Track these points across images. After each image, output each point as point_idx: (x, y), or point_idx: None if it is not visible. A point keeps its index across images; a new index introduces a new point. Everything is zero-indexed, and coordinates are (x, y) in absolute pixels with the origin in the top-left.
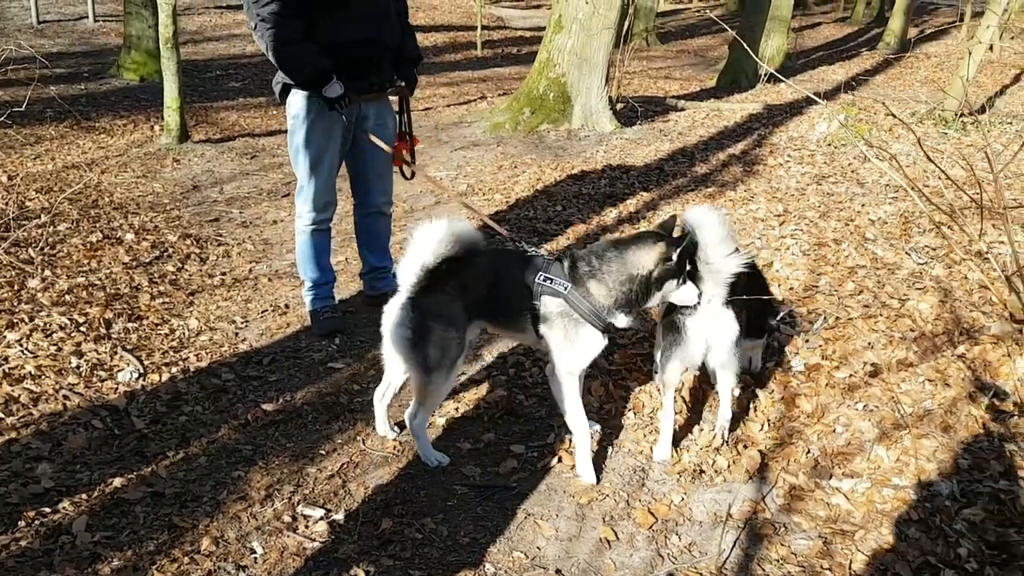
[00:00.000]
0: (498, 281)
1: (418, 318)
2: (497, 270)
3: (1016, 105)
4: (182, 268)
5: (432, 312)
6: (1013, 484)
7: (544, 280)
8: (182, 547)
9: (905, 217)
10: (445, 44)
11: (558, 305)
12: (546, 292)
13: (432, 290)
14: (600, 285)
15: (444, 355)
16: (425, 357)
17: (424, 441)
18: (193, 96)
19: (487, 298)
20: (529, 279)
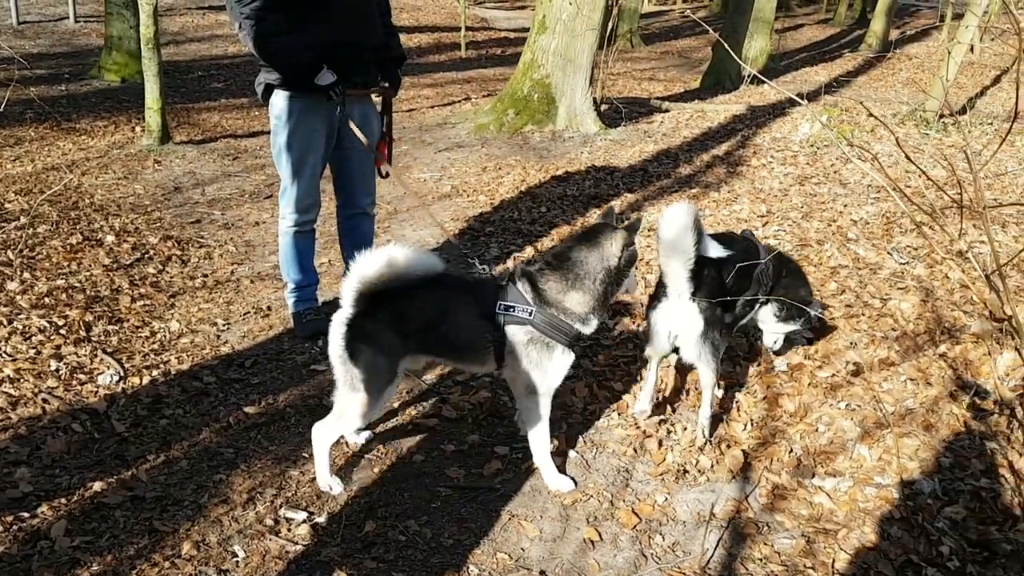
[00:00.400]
0: (446, 316)
1: (351, 338)
2: (444, 305)
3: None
4: (163, 270)
5: (363, 336)
6: (994, 482)
7: (505, 309)
8: (163, 551)
9: (887, 217)
10: (429, 45)
11: (525, 333)
12: (510, 322)
13: (366, 315)
14: (579, 293)
15: (371, 381)
16: (352, 377)
17: (323, 457)
18: (175, 97)
19: (430, 333)
20: (486, 310)
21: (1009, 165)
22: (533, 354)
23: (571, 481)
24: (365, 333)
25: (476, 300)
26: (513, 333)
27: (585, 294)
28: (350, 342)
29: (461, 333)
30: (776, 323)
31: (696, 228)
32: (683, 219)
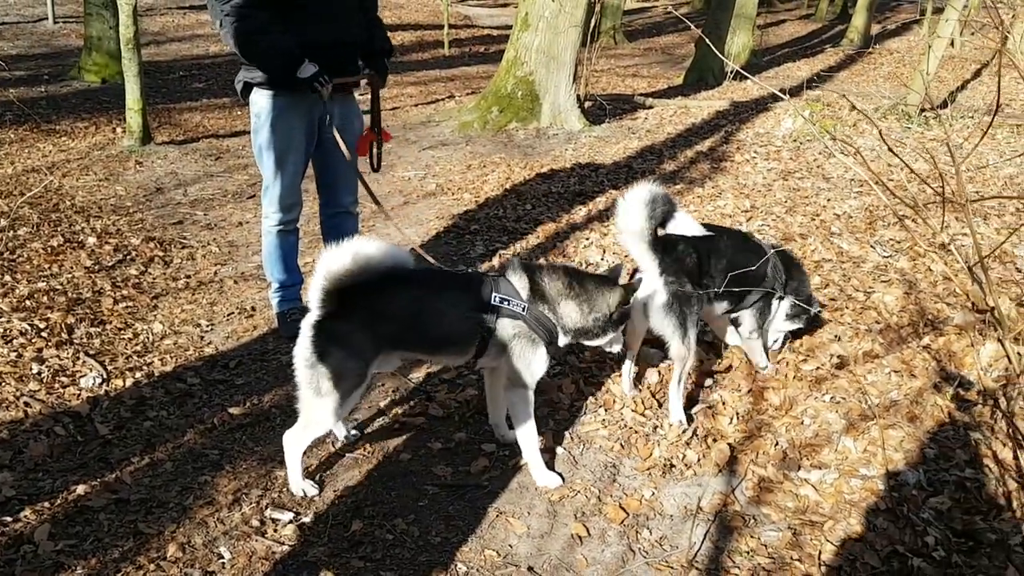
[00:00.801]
0: (429, 309)
1: (320, 341)
2: (426, 297)
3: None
4: (145, 271)
5: (333, 338)
6: (979, 472)
7: (501, 301)
8: (148, 554)
9: (870, 211)
10: (412, 43)
11: (515, 327)
12: (504, 314)
13: (337, 316)
14: (574, 307)
15: (338, 384)
16: (318, 381)
17: (294, 464)
18: (156, 97)
19: (410, 327)
20: (477, 302)
21: (990, 158)
22: (519, 347)
23: (559, 477)
24: (334, 336)
25: (467, 292)
26: (503, 326)
27: (579, 311)
28: (319, 345)
29: (448, 326)
30: (784, 321)
31: (655, 209)
32: (636, 202)
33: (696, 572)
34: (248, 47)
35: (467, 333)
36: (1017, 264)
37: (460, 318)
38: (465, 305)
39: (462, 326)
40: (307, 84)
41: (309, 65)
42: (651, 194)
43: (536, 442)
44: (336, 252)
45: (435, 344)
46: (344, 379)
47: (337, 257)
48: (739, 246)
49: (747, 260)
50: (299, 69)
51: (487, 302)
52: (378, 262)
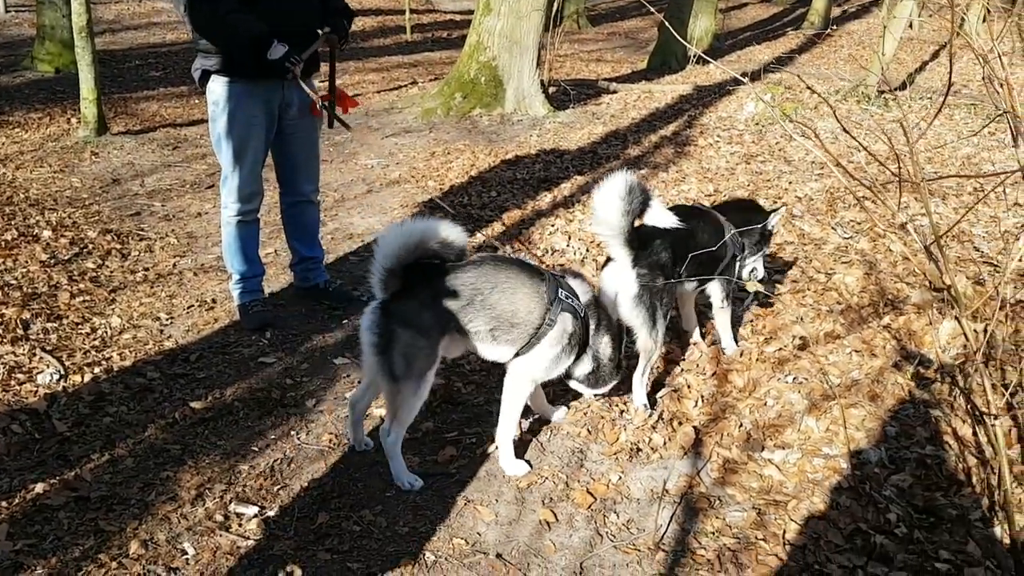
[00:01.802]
0: (500, 288)
1: (386, 324)
2: (497, 276)
3: (935, 80)
4: (103, 265)
5: (400, 319)
6: (939, 449)
7: (566, 297)
8: (109, 552)
9: (831, 193)
10: (373, 29)
11: (573, 324)
12: (566, 309)
13: (403, 296)
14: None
15: (411, 364)
16: (391, 365)
17: (398, 462)
18: (112, 87)
19: (478, 308)
20: (548, 292)
21: (948, 137)
22: (565, 343)
23: (526, 465)
24: (401, 316)
25: (540, 280)
26: (564, 320)
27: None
28: (386, 329)
29: (520, 307)
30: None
31: (631, 202)
32: (612, 195)
33: (663, 554)
34: (214, 30)
35: (533, 317)
36: (975, 243)
37: (532, 300)
38: (538, 290)
39: (531, 307)
40: (278, 65)
41: (279, 46)
42: (627, 185)
43: (514, 430)
44: (393, 230)
45: (499, 323)
46: (416, 359)
47: (405, 233)
48: (712, 229)
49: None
50: (268, 50)
51: (555, 293)
52: (446, 242)
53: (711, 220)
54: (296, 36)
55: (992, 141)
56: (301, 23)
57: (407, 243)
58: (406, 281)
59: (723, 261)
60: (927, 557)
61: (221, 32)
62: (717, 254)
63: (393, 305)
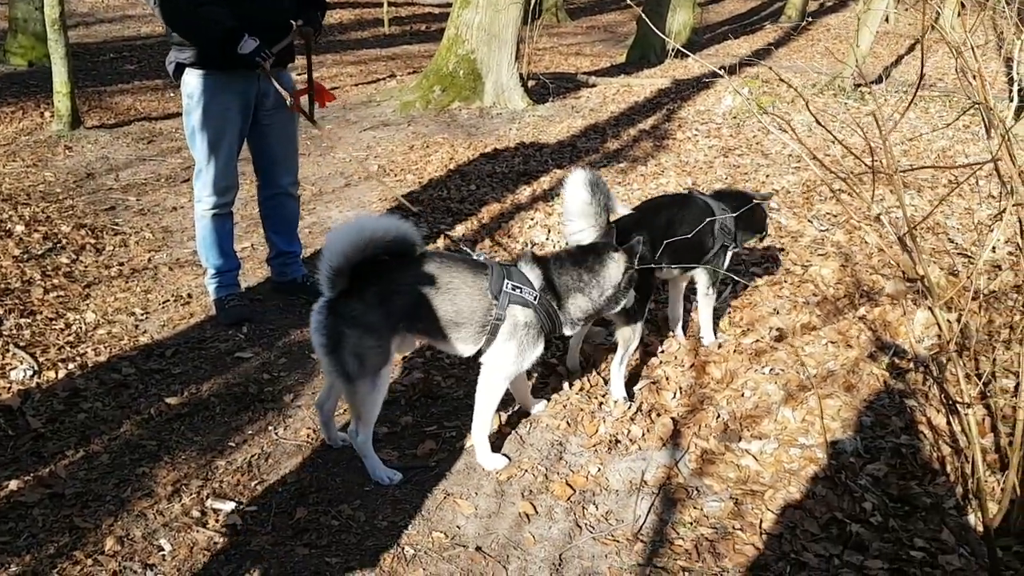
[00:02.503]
0: (443, 290)
1: (334, 324)
2: (440, 278)
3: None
4: (77, 260)
5: (348, 318)
6: (913, 438)
7: (513, 288)
8: (85, 548)
9: (807, 186)
10: (351, 21)
11: (524, 315)
12: (515, 301)
13: (349, 295)
14: (584, 298)
15: (363, 363)
16: (343, 365)
17: (372, 460)
18: (85, 80)
19: (423, 308)
20: (491, 287)
21: (924, 130)
22: (523, 335)
23: (504, 459)
24: (347, 316)
25: (484, 276)
26: (514, 313)
27: (589, 300)
28: (333, 330)
29: (463, 307)
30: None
31: (595, 196)
32: (580, 190)
33: (641, 545)
34: (184, 23)
35: (477, 315)
36: (950, 235)
37: (474, 299)
38: (480, 287)
39: (478, 311)
40: (248, 60)
41: (249, 40)
42: (589, 179)
43: (489, 426)
44: (349, 227)
45: (449, 328)
46: (367, 358)
47: (350, 232)
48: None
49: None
50: (239, 45)
51: (500, 287)
52: (390, 239)
53: (697, 207)
54: (269, 28)
55: (967, 134)
56: (274, 15)
57: (357, 241)
58: (353, 279)
59: (709, 250)
60: (902, 545)
61: (191, 26)
62: (701, 242)
63: (340, 304)
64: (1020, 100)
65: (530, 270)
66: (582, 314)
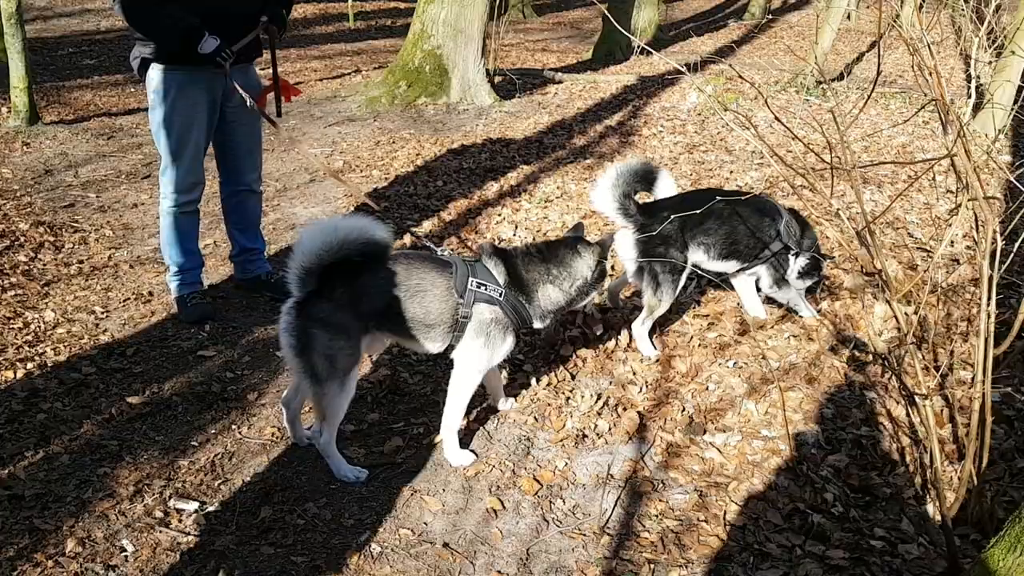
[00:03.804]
0: (410, 291)
1: (303, 325)
2: (407, 280)
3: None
4: (35, 258)
5: (318, 319)
6: (874, 430)
7: (478, 286)
8: (45, 550)
9: (769, 182)
10: (315, 16)
11: (491, 312)
12: (480, 299)
13: (318, 296)
14: (554, 290)
15: (332, 365)
16: (312, 366)
17: (336, 460)
18: (44, 75)
19: (392, 309)
20: (456, 286)
21: (883, 126)
22: (491, 332)
23: (471, 455)
24: (317, 317)
25: (449, 275)
26: (480, 311)
27: (558, 293)
28: (302, 331)
29: (429, 310)
30: (796, 279)
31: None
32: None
33: (608, 538)
34: (144, 21)
35: (448, 317)
36: (909, 230)
37: (441, 299)
38: (447, 287)
39: (444, 309)
40: (210, 60)
41: (210, 39)
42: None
43: (459, 422)
44: (320, 227)
45: (417, 328)
46: (337, 360)
47: (322, 233)
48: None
49: (743, 223)
50: (200, 44)
51: (464, 285)
52: (363, 240)
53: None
54: (234, 24)
55: (926, 130)
56: (239, 10)
57: (330, 242)
58: (323, 279)
59: (768, 246)
60: (862, 534)
61: (152, 24)
62: (761, 238)
63: (310, 305)
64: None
65: (494, 266)
66: (553, 307)
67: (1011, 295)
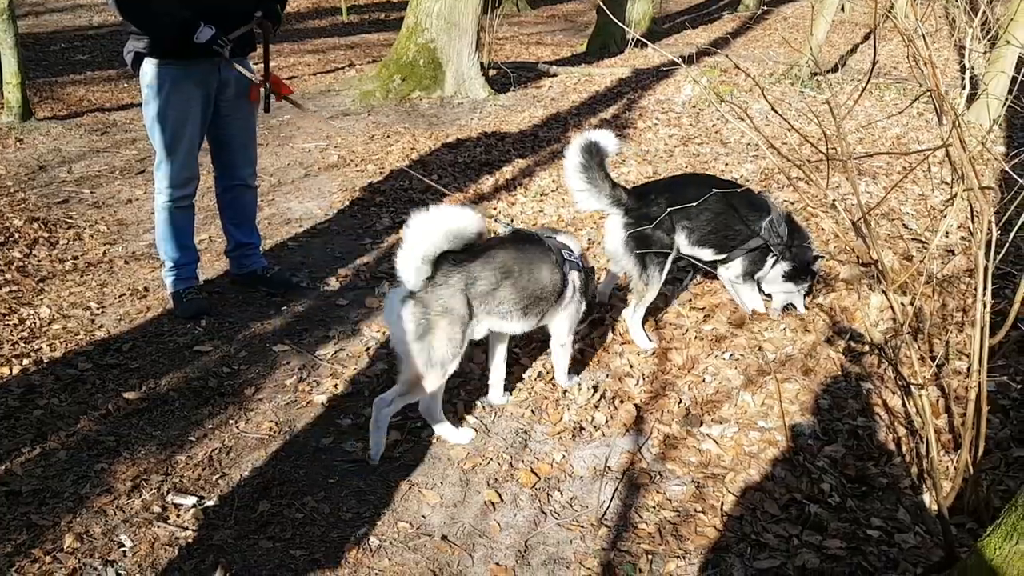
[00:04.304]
0: (523, 267)
1: (423, 312)
2: (518, 258)
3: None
4: (30, 254)
5: (437, 306)
6: (870, 420)
7: (568, 255)
8: (43, 546)
9: (765, 174)
10: (309, 10)
11: (579, 277)
12: (572, 267)
13: (435, 283)
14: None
15: (445, 351)
16: (429, 352)
17: (381, 434)
18: (36, 71)
19: (505, 289)
20: (555, 260)
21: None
22: (578, 296)
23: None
24: (435, 305)
25: (546, 248)
26: (573, 277)
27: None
28: (421, 318)
29: (544, 280)
30: (783, 282)
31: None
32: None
33: (605, 529)
34: (139, 14)
35: (555, 285)
36: (905, 221)
37: (551, 272)
38: (550, 259)
39: (552, 278)
40: (205, 49)
41: (206, 28)
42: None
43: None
44: (435, 217)
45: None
46: (451, 347)
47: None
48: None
49: (734, 215)
50: (195, 34)
51: (561, 256)
52: (469, 231)
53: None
54: (230, 19)
55: (921, 121)
56: (235, 7)
57: (448, 231)
58: (436, 268)
59: (747, 239)
60: (859, 524)
61: (146, 17)
62: (741, 231)
63: (426, 293)
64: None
65: (566, 238)
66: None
67: (1006, 285)
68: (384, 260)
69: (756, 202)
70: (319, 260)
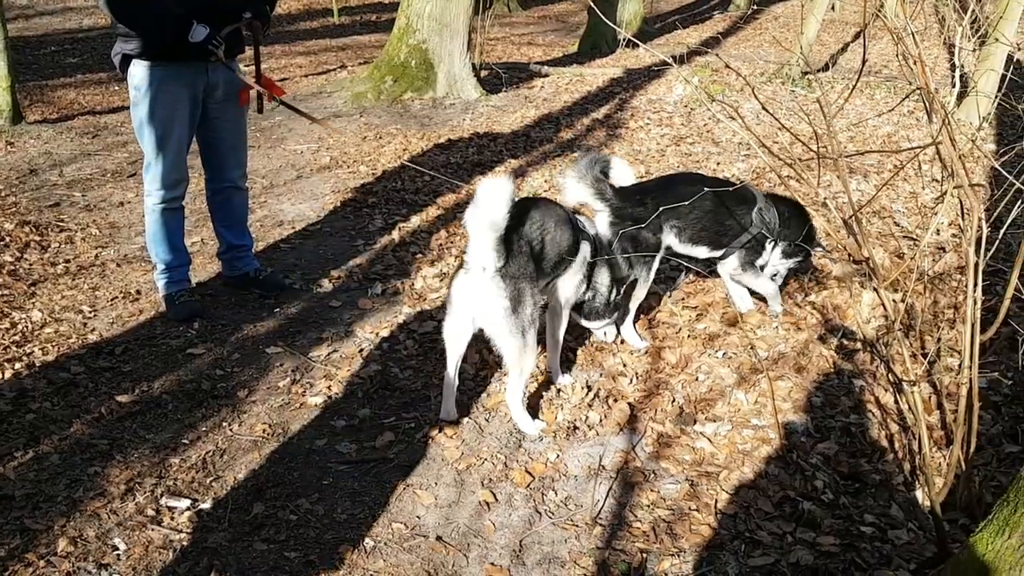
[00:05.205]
0: (553, 232)
1: (513, 285)
2: (546, 221)
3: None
4: (21, 257)
5: (521, 276)
6: (862, 417)
7: (584, 227)
8: (37, 550)
9: (757, 173)
10: (300, 11)
11: (588, 251)
12: (585, 239)
13: (513, 254)
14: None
15: (534, 316)
16: (522, 322)
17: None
18: (26, 74)
19: (546, 253)
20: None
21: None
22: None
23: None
24: (519, 274)
25: (564, 209)
26: (584, 249)
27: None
28: (513, 291)
29: (564, 247)
30: (780, 259)
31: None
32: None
33: (600, 528)
34: (131, 15)
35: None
36: (896, 219)
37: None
38: (571, 222)
39: (575, 241)
40: (200, 48)
41: (200, 27)
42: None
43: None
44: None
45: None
46: (536, 309)
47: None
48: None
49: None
50: (190, 33)
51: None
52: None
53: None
54: (220, 18)
55: (911, 119)
56: (225, 5)
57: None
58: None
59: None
60: (853, 521)
61: (138, 18)
62: (732, 225)
63: (508, 267)
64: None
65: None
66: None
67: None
68: (377, 261)
69: (742, 194)
70: (312, 262)
